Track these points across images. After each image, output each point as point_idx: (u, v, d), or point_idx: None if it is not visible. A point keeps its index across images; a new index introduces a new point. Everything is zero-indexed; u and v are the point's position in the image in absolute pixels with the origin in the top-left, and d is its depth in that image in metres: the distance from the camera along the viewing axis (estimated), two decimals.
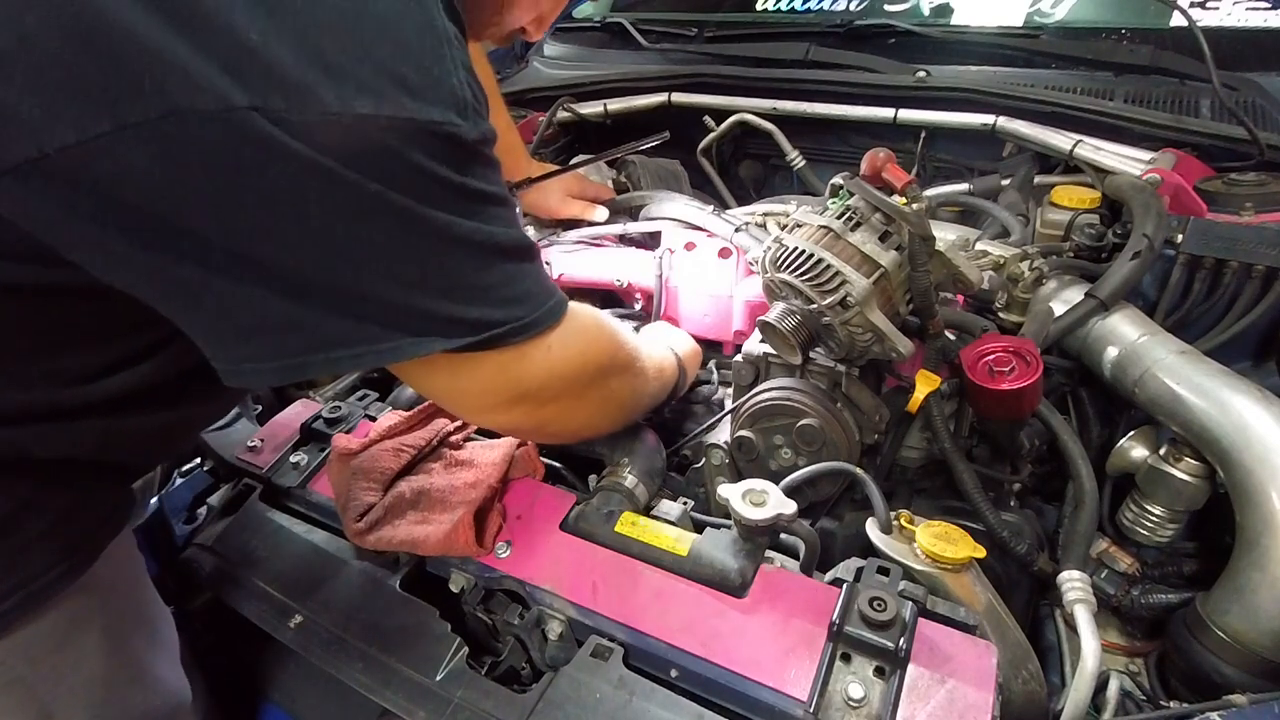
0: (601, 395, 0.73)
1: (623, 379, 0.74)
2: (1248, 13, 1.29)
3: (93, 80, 0.41)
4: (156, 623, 0.76)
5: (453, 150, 0.50)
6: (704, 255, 1.09)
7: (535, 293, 0.59)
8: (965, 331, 0.89)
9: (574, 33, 1.84)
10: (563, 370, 0.65)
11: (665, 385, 0.84)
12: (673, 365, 0.86)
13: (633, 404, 0.79)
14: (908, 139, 1.41)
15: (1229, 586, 0.74)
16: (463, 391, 0.63)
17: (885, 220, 0.77)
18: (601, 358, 0.70)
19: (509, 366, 0.60)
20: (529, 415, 0.67)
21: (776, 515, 0.65)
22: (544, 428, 0.72)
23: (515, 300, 0.57)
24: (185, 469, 1.03)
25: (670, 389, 0.86)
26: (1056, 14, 1.43)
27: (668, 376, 0.84)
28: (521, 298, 0.58)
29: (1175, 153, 1.11)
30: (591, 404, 0.72)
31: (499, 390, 0.62)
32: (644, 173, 1.39)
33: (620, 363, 0.73)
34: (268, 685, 0.84)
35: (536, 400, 0.65)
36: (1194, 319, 0.95)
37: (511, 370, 0.61)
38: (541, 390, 0.64)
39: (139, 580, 0.75)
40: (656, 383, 0.81)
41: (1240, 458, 0.74)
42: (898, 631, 0.60)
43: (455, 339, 0.54)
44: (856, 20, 1.53)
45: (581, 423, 0.76)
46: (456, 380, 0.61)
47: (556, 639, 0.69)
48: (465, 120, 0.50)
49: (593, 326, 0.69)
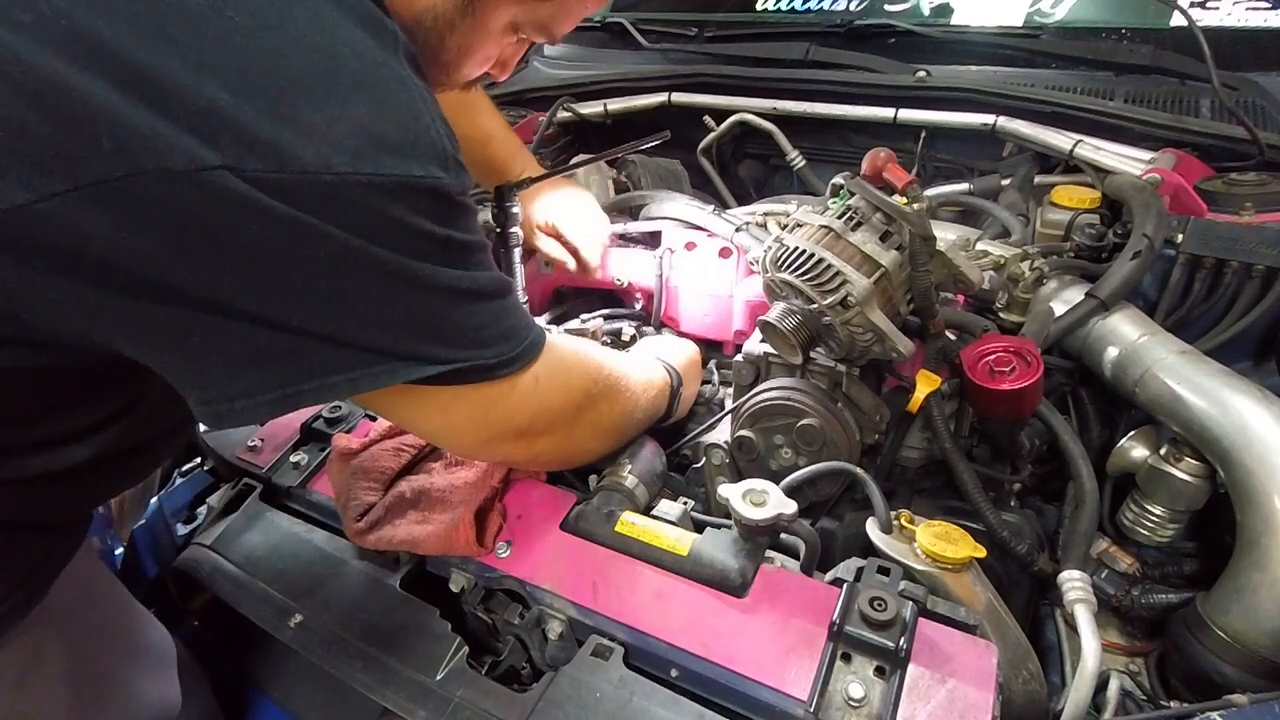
0: (592, 421, 0.74)
1: (611, 403, 0.76)
2: (1248, 13, 1.29)
3: (45, 139, 0.39)
4: (135, 635, 0.75)
5: (435, 204, 0.50)
6: (704, 255, 1.09)
7: (518, 328, 0.61)
8: (966, 331, 0.89)
9: (574, 32, 1.83)
10: (550, 401, 0.66)
11: (657, 400, 0.84)
12: (663, 380, 0.86)
13: (625, 425, 0.80)
14: (908, 139, 1.41)
15: (1229, 586, 0.74)
16: (457, 429, 0.64)
17: (886, 220, 0.77)
18: (586, 383, 0.72)
19: (499, 402, 0.62)
20: (524, 448, 0.68)
21: (777, 515, 0.65)
22: (539, 459, 0.74)
23: (501, 338, 0.59)
24: (185, 469, 1.03)
25: (666, 403, 0.86)
26: (1056, 14, 1.43)
27: (658, 391, 0.84)
28: (507, 334, 0.59)
29: (1175, 153, 1.11)
30: (584, 431, 0.74)
31: (492, 425, 0.64)
32: (644, 173, 1.39)
33: (606, 387, 0.74)
34: (268, 685, 0.84)
35: (530, 433, 0.67)
36: (1194, 319, 0.95)
37: (501, 405, 0.62)
38: (534, 423, 0.66)
39: (107, 596, 0.74)
40: (646, 398, 0.81)
41: (1240, 458, 0.74)
42: (898, 631, 0.60)
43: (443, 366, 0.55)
44: (856, 20, 1.52)
45: (575, 451, 0.77)
46: (448, 416, 0.62)
47: (557, 639, 0.69)
48: (447, 173, 0.50)
49: (572, 355, 0.71)
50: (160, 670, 0.75)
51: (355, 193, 0.45)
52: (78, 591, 0.68)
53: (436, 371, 0.54)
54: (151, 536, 0.96)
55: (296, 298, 0.47)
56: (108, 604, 0.74)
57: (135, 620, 0.76)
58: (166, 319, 0.46)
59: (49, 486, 0.59)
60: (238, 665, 0.86)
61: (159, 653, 0.76)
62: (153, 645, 0.76)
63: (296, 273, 0.46)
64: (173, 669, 0.76)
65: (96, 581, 0.73)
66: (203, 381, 0.50)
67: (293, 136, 0.43)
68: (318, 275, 0.47)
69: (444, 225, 0.51)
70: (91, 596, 0.72)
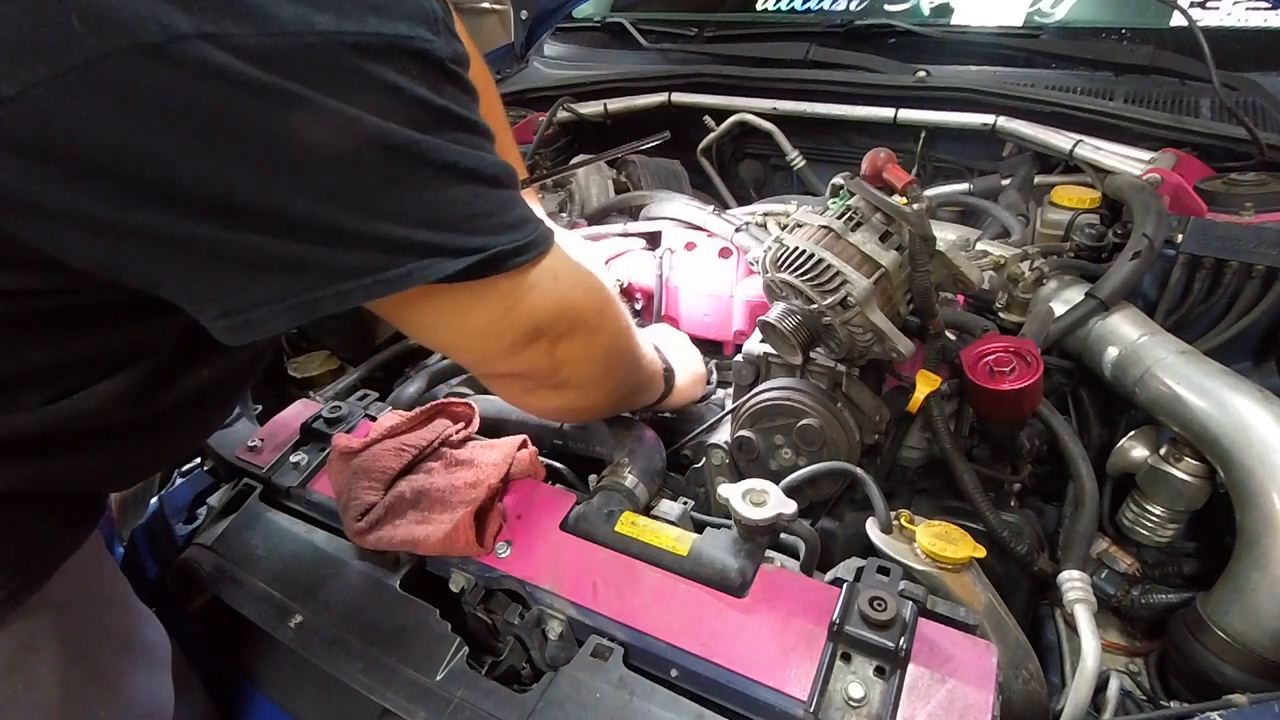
0: (612, 331, 0.70)
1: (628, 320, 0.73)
2: (1248, 13, 1.29)
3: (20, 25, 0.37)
4: (131, 632, 0.73)
5: (426, 68, 0.47)
6: (704, 255, 1.09)
7: (529, 218, 0.57)
8: (965, 331, 0.89)
9: (574, 33, 1.84)
10: (572, 298, 0.63)
11: (656, 365, 0.82)
12: (654, 354, 0.84)
13: (639, 352, 0.77)
14: (908, 139, 1.41)
15: (1229, 586, 0.74)
16: (477, 331, 0.60)
17: (886, 220, 0.77)
18: (604, 290, 0.68)
19: (520, 296, 0.58)
20: (546, 353, 0.64)
21: (777, 515, 0.65)
22: (561, 369, 0.67)
23: (513, 225, 0.55)
24: (185, 469, 1.03)
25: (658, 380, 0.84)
26: (1056, 14, 1.43)
27: (655, 358, 0.82)
28: (518, 222, 0.56)
29: (1175, 153, 1.11)
30: (605, 339, 0.70)
31: (513, 324, 0.60)
32: (644, 173, 1.40)
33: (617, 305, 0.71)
34: (268, 686, 0.84)
35: (551, 333, 0.63)
36: (1194, 319, 0.95)
37: (523, 300, 0.59)
38: (556, 320, 0.62)
39: (107, 591, 0.73)
40: (650, 353, 0.79)
41: (1240, 458, 0.74)
42: (898, 631, 0.60)
43: (463, 259, 0.52)
44: (856, 20, 1.53)
45: (598, 364, 0.71)
46: (468, 319, 0.58)
47: (556, 639, 0.69)
48: (437, 36, 0.47)
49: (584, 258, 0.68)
50: (155, 670, 0.74)
51: (342, 56, 0.42)
52: (79, 582, 0.66)
53: (456, 268, 0.51)
54: (151, 536, 0.96)
55: (300, 186, 0.44)
56: (109, 598, 0.73)
57: (134, 617, 0.75)
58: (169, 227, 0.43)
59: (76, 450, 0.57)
60: (238, 665, 0.86)
61: (155, 652, 0.75)
62: (149, 644, 0.75)
63: (296, 155, 0.43)
64: (167, 670, 0.75)
65: (100, 574, 0.72)
66: (216, 293, 0.48)
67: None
68: (318, 156, 0.44)
69: (439, 95, 0.48)
70: (93, 588, 0.70)
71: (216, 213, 0.43)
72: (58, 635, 0.64)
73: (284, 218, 0.45)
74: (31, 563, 0.60)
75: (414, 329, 0.63)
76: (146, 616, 0.76)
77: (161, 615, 0.79)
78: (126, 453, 0.63)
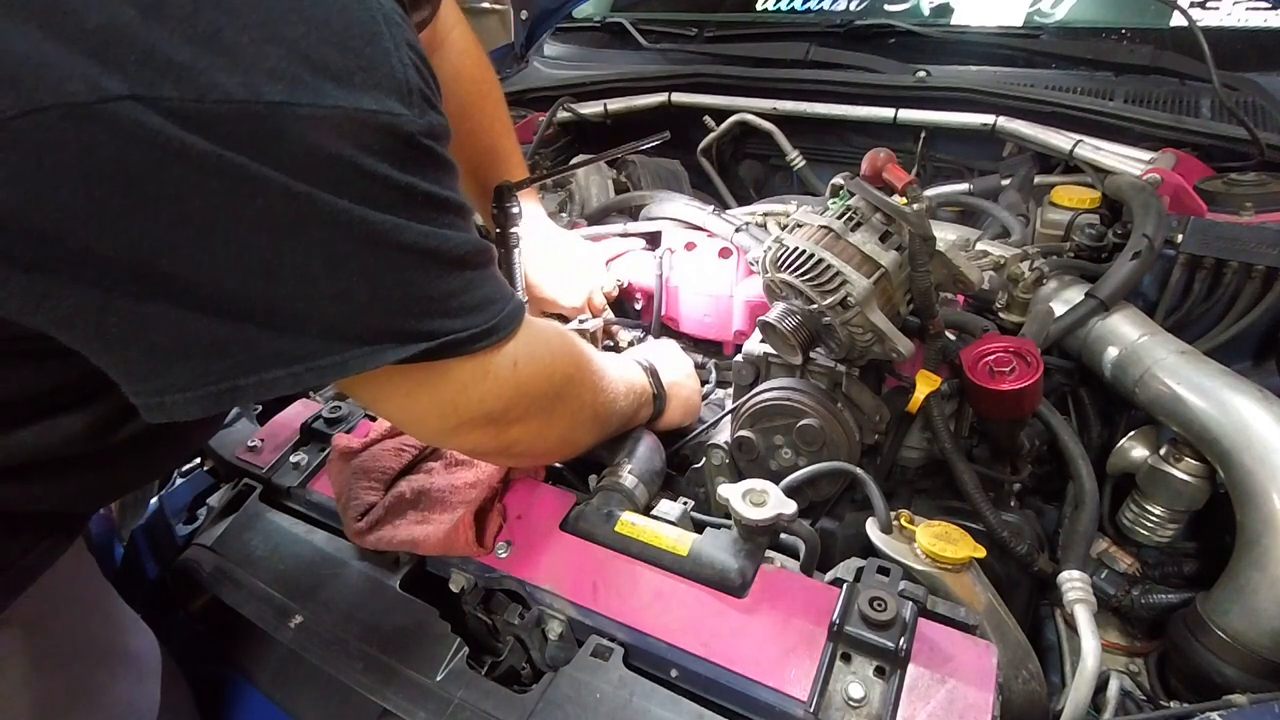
0: (571, 411, 0.67)
1: (594, 392, 0.70)
2: (1248, 13, 1.29)
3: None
4: (114, 643, 0.71)
5: (393, 144, 0.43)
6: (704, 255, 1.09)
7: (495, 299, 0.53)
8: (965, 331, 0.89)
9: (574, 33, 1.84)
10: (529, 385, 0.59)
11: (638, 402, 0.80)
12: (643, 383, 0.82)
13: (605, 418, 0.74)
14: (908, 139, 1.41)
15: (1229, 586, 0.74)
16: (421, 413, 0.57)
17: (885, 220, 0.77)
18: (569, 368, 0.65)
19: (471, 384, 0.55)
20: (495, 437, 0.61)
21: (777, 515, 0.65)
22: (510, 449, 0.65)
23: (474, 308, 0.51)
24: (185, 469, 1.03)
25: (647, 407, 0.83)
26: (1056, 14, 1.43)
27: (639, 392, 0.80)
28: (481, 304, 0.52)
29: (1175, 153, 1.11)
30: (562, 421, 0.67)
31: (462, 411, 0.56)
32: (644, 173, 1.40)
33: (590, 374, 0.69)
34: (267, 686, 0.84)
35: (502, 421, 0.60)
36: (1194, 319, 0.95)
37: (475, 388, 0.55)
38: (508, 410, 0.59)
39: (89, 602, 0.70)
40: (626, 400, 0.77)
41: (1240, 458, 0.74)
42: (898, 631, 0.60)
43: (408, 347, 0.48)
44: (856, 20, 1.53)
45: (552, 443, 0.70)
46: (412, 401, 0.55)
47: (556, 639, 0.69)
48: (409, 109, 0.43)
49: (555, 335, 0.65)
50: (138, 679, 0.72)
51: (292, 127, 0.38)
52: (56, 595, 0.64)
53: (399, 356, 0.47)
54: (151, 537, 0.96)
55: (228, 263, 0.40)
56: (90, 609, 0.70)
57: (118, 627, 0.73)
58: (80, 299, 0.39)
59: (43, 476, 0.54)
60: (238, 666, 0.86)
61: (140, 662, 0.73)
62: (134, 654, 0.73)
63: (227, 228, 0.39)
64: (154, 678, 0.73)
65: (80, 585, 0.69)
66: (128, 372, 0.44)
67: (213, 59, 0.36)
68: (253, 231, 0.40)
69: (404, 171, 0.44)
70: (72, 601, 0.68)
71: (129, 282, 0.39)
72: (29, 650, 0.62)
73: (208, 293, 0.41)
74: None
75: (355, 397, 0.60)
76: (133, 624, 0.75)
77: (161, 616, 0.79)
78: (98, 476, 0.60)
